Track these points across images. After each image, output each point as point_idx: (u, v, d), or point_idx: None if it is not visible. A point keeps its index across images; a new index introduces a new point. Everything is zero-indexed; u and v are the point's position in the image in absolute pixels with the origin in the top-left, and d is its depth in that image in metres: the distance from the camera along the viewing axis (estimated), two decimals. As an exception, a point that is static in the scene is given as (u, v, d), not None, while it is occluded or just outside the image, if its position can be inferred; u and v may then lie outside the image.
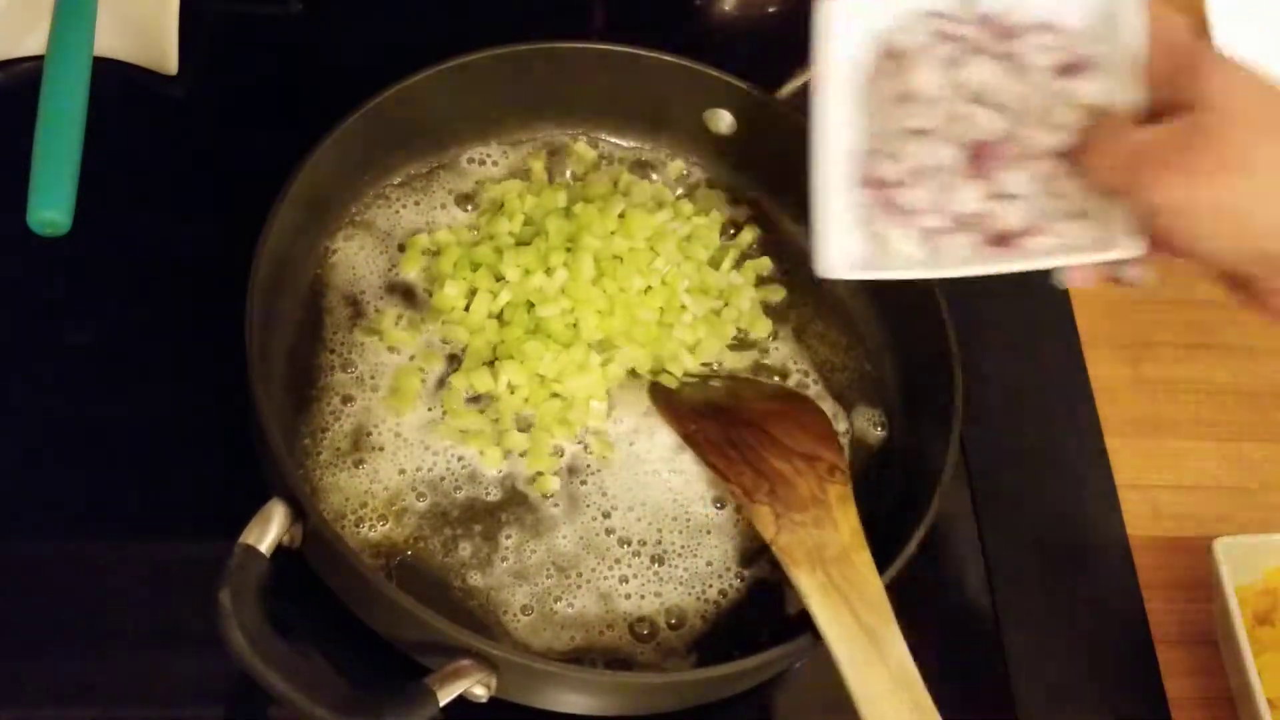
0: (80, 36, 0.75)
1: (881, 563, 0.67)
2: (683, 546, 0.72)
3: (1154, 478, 0.83)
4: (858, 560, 0.66)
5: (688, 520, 0.73)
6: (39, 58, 0.75)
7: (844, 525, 0.67)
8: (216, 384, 0.71)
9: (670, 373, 0.76)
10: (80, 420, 0.74)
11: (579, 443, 0.74)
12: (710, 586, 0.71)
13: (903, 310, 0.78)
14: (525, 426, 0.73)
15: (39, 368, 0.75)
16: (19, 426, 0.73)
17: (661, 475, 0.74)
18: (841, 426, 0.77)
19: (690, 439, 0.73)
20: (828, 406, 0.77)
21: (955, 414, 0.71)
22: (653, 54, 0.80)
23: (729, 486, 0.70)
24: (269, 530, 0.61)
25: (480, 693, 0.62)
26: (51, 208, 0.69)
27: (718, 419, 0.73)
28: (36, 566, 0.69)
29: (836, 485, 0.69)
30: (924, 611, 0.75)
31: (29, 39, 0.82)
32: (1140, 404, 0.86)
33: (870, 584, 0.65)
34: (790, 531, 0.67)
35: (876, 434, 0.77)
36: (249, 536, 0.61)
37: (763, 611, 0.71)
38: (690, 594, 0.71)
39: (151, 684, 0.68)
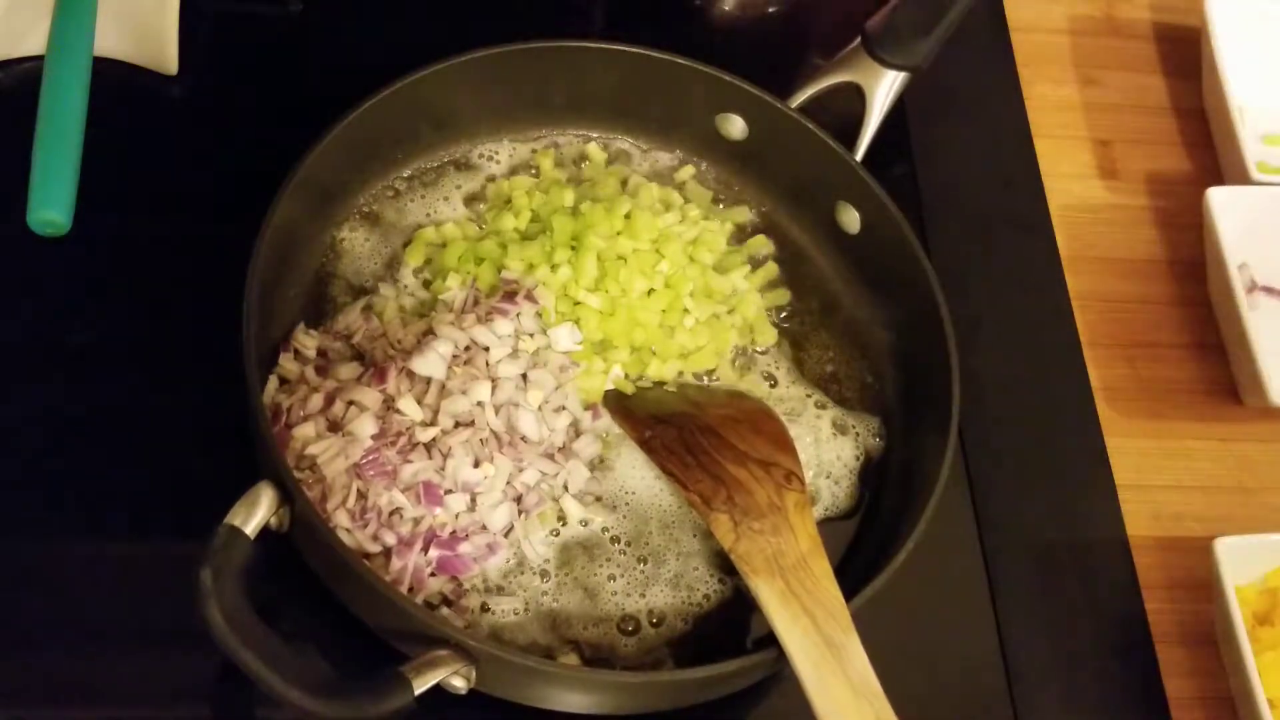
0: (80, 36, 0.76)
1: (874, 569, 0.66)
2: (669, 548, 0.72)
3: (1154, 478, 0.83)
4: (816, 568, 0.65)
5: (674, 522, 0.73)
6: (39, 58, 0.75)
7: (802, 533, 0.67)
8: (217, 385, 0.71)
9: (628, 378, 0.76)
10: (80, 420, 0.74)
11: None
12: (695, 590, 0.71)
13: (904, 317, 0.78)
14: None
15: (39, 367, 0.75)
16: (19, 426, 0.73)
17: (649, 479, 0.74)
18: (856, 449, 0.77)
19: (646, 445, 0.72)
20: (830, 415, 0.77)
21: (952, 428, 0.71)
22: (667, 56, 0.80)
23: (686, 495, 0.70)
24: (255, 512, 0.62)
25: (459, 684, 0.62)
26: (51, 208, 0.69)
27: (674, 425, 0.73)
28: (36, 565, 0.69)
29: (794, 493, 0.68)
30: (924, 611, 0.76)
31: (29, 39, 0.82)
32: (1140, 404, 0.86)
33: (829, 593, 0.64)
34: (749, 539, 0.66)
35: (875, 444, 0.77)
36: (234, 518, 0.61)
37: (746, 616, 0.71)
38: (675, 595, 0.71)
39: (150, 683, 0.67)
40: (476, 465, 0.68)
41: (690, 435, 0.71)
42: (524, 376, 0.72)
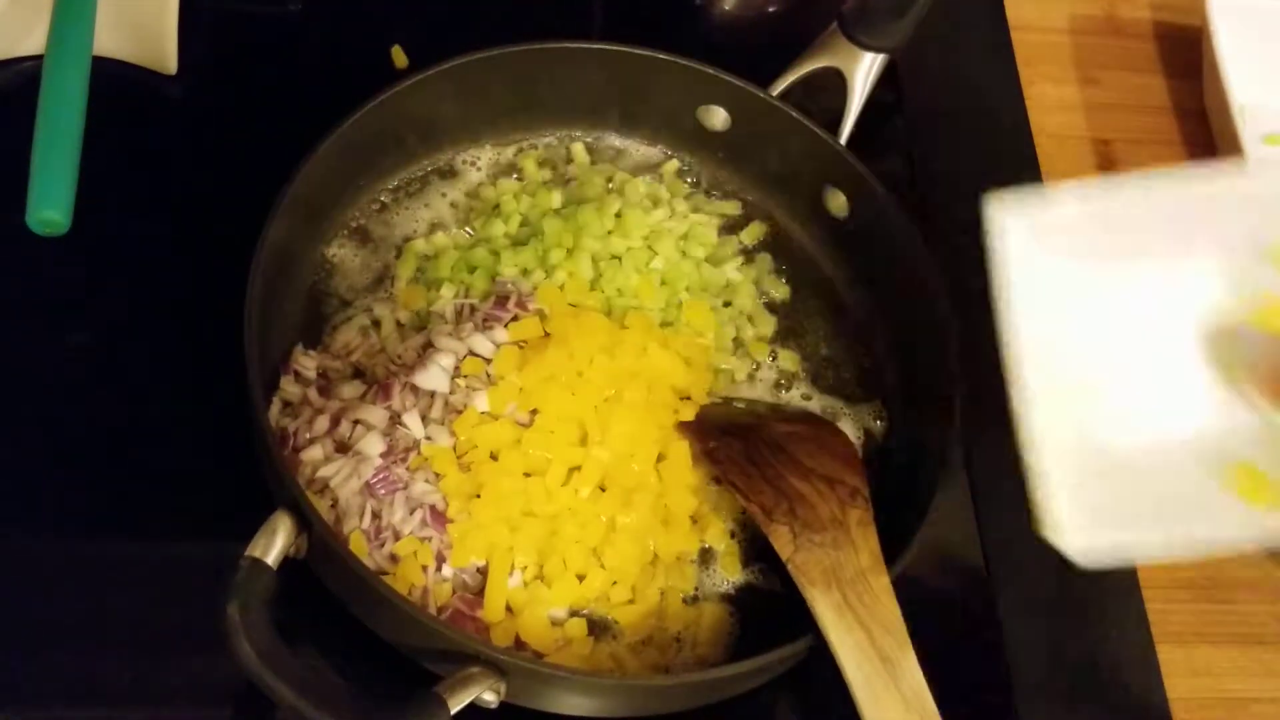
0: (80, 36, 0.75)
1: (885, 557, 0.66)
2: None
3: (1154, 477, 0.83)
4: (876, 584, 0.65)
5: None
6: (39, 58, 0.75)
7: (863, 548, 0.67)
8: (217, 384, 0.71)
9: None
10: (80, 421, 0.74)
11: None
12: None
13: (903, 304, 0.78)
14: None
15: (39, 368, 0.75)
16: (19, 427, 0.73)
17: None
18: (857, 432, 0.77)
19: (710, 455, 0.72)
20: (821, 403, 0.78)
21: (955, 407, 0.71)
22: (644, 51, 0.81)
23: (747, 505, 0.69)
24: (275, 542, 0.61)
25: (490, 699, 0.61)
26: (51, 208, 0.69)
27: (739, 437, 0.73)
28: (37, 567, 0.69)
29: (857, 509, 0.68)
30: (924, 611, 0.75)
31: (29, 39, 0.82)
32: (1140, 404, 0.86)
33: (887, 608, 0.64)
34: (807, 551, 0.66)
35: (877, 426, 0.77)
36: (255, 549, 0.60)
37: (763, 615, 0.72)
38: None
39: (153, 686, 0.67)
40: None
41: (755, 449, 0.71)
42: None
